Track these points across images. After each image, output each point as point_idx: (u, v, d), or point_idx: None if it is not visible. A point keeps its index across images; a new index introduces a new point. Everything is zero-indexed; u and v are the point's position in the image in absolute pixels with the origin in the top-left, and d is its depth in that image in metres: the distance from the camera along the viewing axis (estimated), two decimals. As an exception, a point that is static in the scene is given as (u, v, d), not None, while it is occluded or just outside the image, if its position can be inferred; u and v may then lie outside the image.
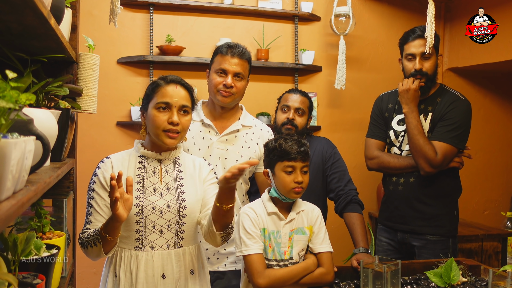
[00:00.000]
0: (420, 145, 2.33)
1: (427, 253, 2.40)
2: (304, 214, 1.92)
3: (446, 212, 2.44)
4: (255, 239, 1.80)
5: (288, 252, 1.85)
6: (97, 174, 1.67)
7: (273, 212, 1.86)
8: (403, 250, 2.53)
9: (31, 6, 0.93)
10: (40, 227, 1.43)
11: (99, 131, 3.19)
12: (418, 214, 2.45)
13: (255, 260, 1.76)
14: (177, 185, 1.70)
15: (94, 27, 3.14)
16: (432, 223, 2.43)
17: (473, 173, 3.91)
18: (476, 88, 3.93)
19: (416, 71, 2.42)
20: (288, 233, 1.86)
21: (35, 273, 1.17)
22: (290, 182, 1.81)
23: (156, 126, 1.64)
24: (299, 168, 1.84)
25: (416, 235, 2.45)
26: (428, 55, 2.42)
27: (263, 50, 3.40)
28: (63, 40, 1.32)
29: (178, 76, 1.73)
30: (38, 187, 0.95)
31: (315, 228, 1.91)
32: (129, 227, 1.62)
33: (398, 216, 2.51)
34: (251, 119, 2.30)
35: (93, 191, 1.64)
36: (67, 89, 1.55)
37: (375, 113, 2.66)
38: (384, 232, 2.61)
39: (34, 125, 1.01)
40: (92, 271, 3.14)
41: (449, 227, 2.45)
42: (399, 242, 2.54)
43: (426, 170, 2.34)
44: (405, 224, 2.48)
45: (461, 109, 2.39)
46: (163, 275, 1.62)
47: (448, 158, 2.35)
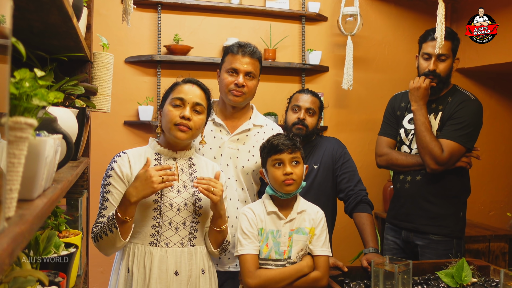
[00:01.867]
0: (427, 142, 2.33)
1: (430, 253, 2.40)
2: (307, 214, 1.90)
3: (451, 212, 2.43)
4: (251, 239, 1.80)
5: (287, 251, 1.84)
6: (114, 167, 1.67)
7: (273, 212, 1.86)
8: (408, 250, 2.53)
9: (58, 5, 0.93)
10: (57, 226, 1.43)
11: (106, 131, 3.19)
12: (422, 213, 2.44)
13: (247, 260, 1.76)
14: (192, 184, 1.72)
15: (102, 26, 3.14)
16: (435, 222, 2.42)
17: (478, 174, 3.90)
18: (482, 88, 3.94)
19: (429, 71, 2.42)
20: (288, 232, 1.85)
21: (55, 271, 1.17)
22: (279, 175, 1.81)
23: (168, 120, 1.68)
24: (287, 160, 1.83)
25: (420, 234, 2.45)
26: (444, 57, 2.41)
27: (270, 50, 3.40)
28: (81, 39, 1.32)
29: (196, 79, 1.78)
30: (63, 185, 0.95)
31: (317, 231, 1.89)
32: (145, 223, 1.63)
33: (403, 214, 2.51)
34: (262, 119, 2.30)
35: (109, 185, 1.65)
36: (82, 88, 1.55)
37: (388, 112, 2.66)
38: (391, 230, 2.61)
39: (58, 123, 1.01)
40: (99, 270, 3.14)
41: (453, 228, 2.43)
42: (403, 241, 2.53)
43: (431, 167, 2.34)
44: (410, 222, 2.48)
45: (471, 109, 2.39)
46: (176, 272, 1.63)
47: (454, 156, 2.35)
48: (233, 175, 2.13)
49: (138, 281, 1.61)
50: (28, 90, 0.77)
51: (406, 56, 3.77)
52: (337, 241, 2.85)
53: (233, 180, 2.12)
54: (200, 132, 1.77)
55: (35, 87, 0.78)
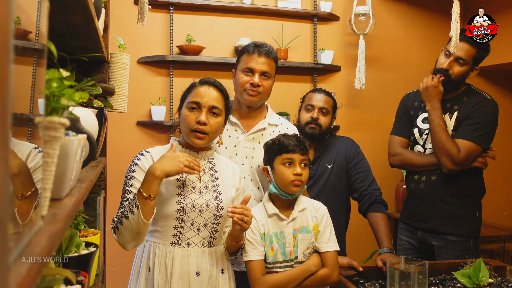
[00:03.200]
0: (443, 142, 2.31)
1: (447, 253, 2.38)
2: (309, 212, 1.88)
3: (468, 212, 2.42)
4: (254, 245, 1.79)
5: (293, 251, 1.83)
6: (138, 164, 1.67)
7: (274, 214, 1.84)
8: (423, 250, 2.51)
9: (82, 5, 0.94)
10: (76, 225, 1.45)
11: (119, 131, 3.21)
12: (438, 213, 2.43)
13: (253, 267, 1.76)
14: (214, 185, 1.73)
15: (115, 27, 3.15)
16: (452, 222, 2.41)
17: (492, 174, 3.87)
18: (496, 87, 3.90)
19: (441, 69, 2.40)
20: (291, 232, 1.84)
21: (77, 270, 1.18)
22: (289, 174, 1.79)
23: (185, 125, 1.68)
24: (298, 160, 1.82)
25: (436, 234, 2.43)
26: (462, 62, 2.37)
27: (282, 50, 3.40)
28: (101, 39, 1.33)
29: (214, 79, 1.76)
30: (87, 184, 0.96)
31: (321, 227, 1.87)
32: (167, 223, 1.64)
33: (418, 215, 2.49)
34: (276, 118, 2.30)
35: (133, 178, 1.64)
36: (100, 88, 1.56)
37: (401, 111, 2.64)
38: (405, 231, 2.59)
39: (81, 123, 1.02)
40: (113, 269, 3.16)
41: (470, 228, 2.42)
42: (419, 241, 2.52)
43: (448, 168, 2.32)
44: (426, 222, 2.47)
45: (488, 109, 2.37)
46: (197, 272, 1.64)
47: (471, 156, 2.33)
48: (248, 174, 2.13)
49: (159, 280, 1.61)
50: (56, 90, 0.78)
51: (419, 55, 3.75)
52: (351, 241, 2.84)
53: (248, 180, 2.12)
54: (218, 133, 1.76)
55: (62, 87, 0.79)
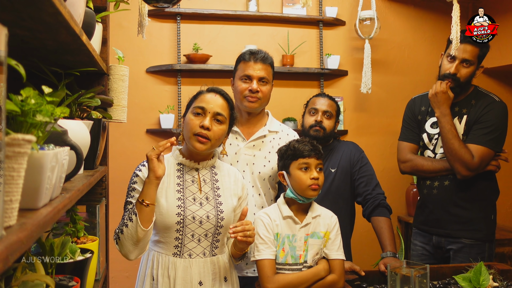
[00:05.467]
0: (456, 149, 2.29)
1: (463, 257, 2.36)
2: (321, 219, 1.91)
3: (483, 216, 2.39)
4: (267, 244, 1.81)
5: (303, 255, 1.85)
6: (138, 174, 1.70)
7: (289, 216, 1.87)
8: (438, 255, 2.48)
9: (64, 25, 0.99)
10: (75, 232, 1.50)
11: (129, 139, 3.29)
12: (454, 218, 2.40)
13: (265, 265, 1.78)
14: (214, 196, 1.75)
15: (124, 38, 3.24)
16: (468, 227, 2.38)
17: (506, 176, 3.81)
18: (507, 88, 3.85)
19: (449, 74, 2.36)
20: (303, 237, 1.86)
21: (71, 275, 1.24)
22: (306, 179, 1.82)
23: (188, 129, 1.69)
24: (314, 165, 1.85)
25: (452, 239, 2.41)
26: (468, 64, 2.34)
27: (288, 56, 3.43)
28: (94, 54, 1.39)
29: (221, 88, 1.79)
30: (72, 194, 1.01)
31: (332, 235, 1.90)
32: (168, 234, 1.66)
33: (433, 220, 2.47)
34: (277, 124, 2.33)
35: (134, 190, 1.68)
36: (98, 100, 1.62)
37: (408, 116, 2.62)
38: (419, 236, 2.57)
39: (68, 136, 1.07)
40: (125, 275, 3.23)
41: (486, 232, 2.39)
42: (434, 246, 2.49)
43: (463, 174, 2.30)
44: (441, 228, 2.44)
45: (497, 112, 2.34)
46: (200, 282, 1.66)
47: (485, 161, 2.31)
48: (249, 181, 2.16)
49: None
50: (33, 107, 0.83)
51: (427, 58, 3.73)
52: (357, 246, 2.84)
53: (249, 186, 2.15)
54: (221, 142, 1.78)
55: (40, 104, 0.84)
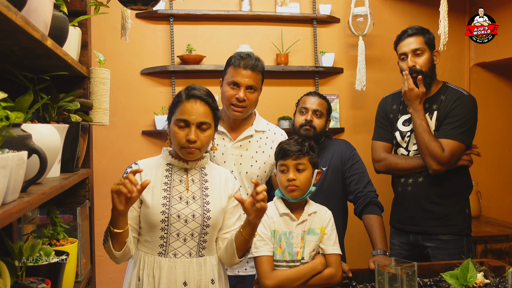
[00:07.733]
0: (426, 143, 2.32)
1: (442, 254, 2.37)
2: (317, 215, 1.95)
3: (457, 211, 2.42)
4: (265, 241, 1.84)
5: (300, 252, 1.88)
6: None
7: (285, 213, 1.90)
8: (416, 253, 2.50)
9: (21, 31, 1.00)
10: (54, 235, 1.52)
11: (125, 140, 3.31)
12: (429, 214, 2.42)
13: (263, 262, 1.81)
14: (202, 195, 1.74)
15: (118, 40, 3.26)
16: (444, 222, 2.40)
17: (507, 171, 3.77)
18: (506, 82, 3.80)
19: (410, 69, 2.41)
20: (300, 233, 1.89)
21: (43, 278, 1.25)
22: (284, 180, 1.86)
23: (175, 142, 1.69)
24: (292, 166, 1.87)
25: (429, 236, 2.43)
26: (419, 52, 2.40)
27: (282, 55, 3.43)
28: (66, 58, 1.40)
29: (201, 89, 1.72)
30: (33, 198, 1.02)
31: (328, 230, 1.94)
32: (153, 233, 1.67)
33: (409, 218, 2.48)
34: (264, 124, 2.33)
35: None
36: (78, 103, 1.64)
37: (380, 115, 2.66)
38: (396, 235, 2.58)
39: (31, 140, 1.08)
40: (109, 276, 3.24)
41: (462, 226, 2.42)
42: (411, 244, 2.50)
43: (433, 168, 2.32)
44: (417, 225, 2.46)
45: (467, 106, 2.37)
46: (185, 283, 1.66)
47: (456, 155, 2.33)
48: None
49: None
50: (-17, 112, 0.84)
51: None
52: (350, 244, 2.83)
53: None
54: (209, 144, 1.76)
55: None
